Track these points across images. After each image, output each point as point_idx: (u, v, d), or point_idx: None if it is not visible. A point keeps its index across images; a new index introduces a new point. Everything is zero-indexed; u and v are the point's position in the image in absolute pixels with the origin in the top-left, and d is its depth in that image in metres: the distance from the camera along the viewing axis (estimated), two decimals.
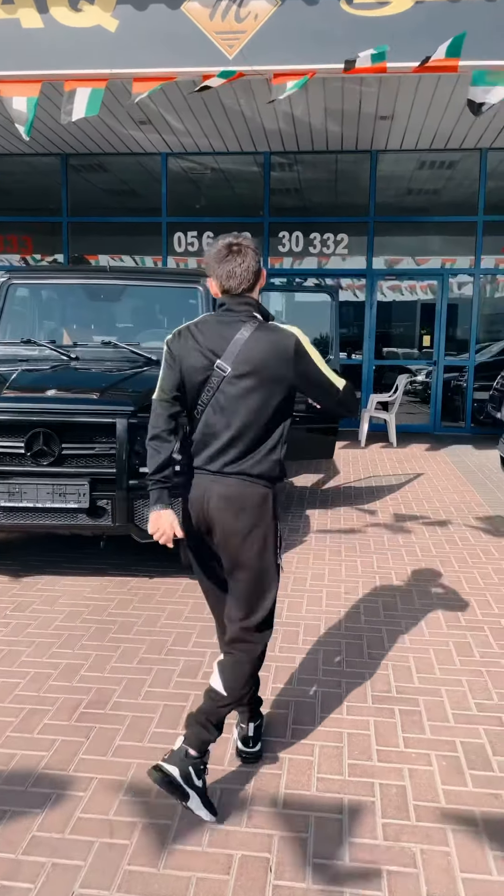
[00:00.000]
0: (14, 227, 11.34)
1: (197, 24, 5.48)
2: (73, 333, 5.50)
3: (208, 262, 2.40)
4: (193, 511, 2.38)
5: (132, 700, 3.00)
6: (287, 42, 5.47)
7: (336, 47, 5.46)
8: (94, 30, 5.57)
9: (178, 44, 5.52)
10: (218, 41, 5.50)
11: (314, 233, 10.68)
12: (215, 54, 5.53)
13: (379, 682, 3.18)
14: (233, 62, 5.52)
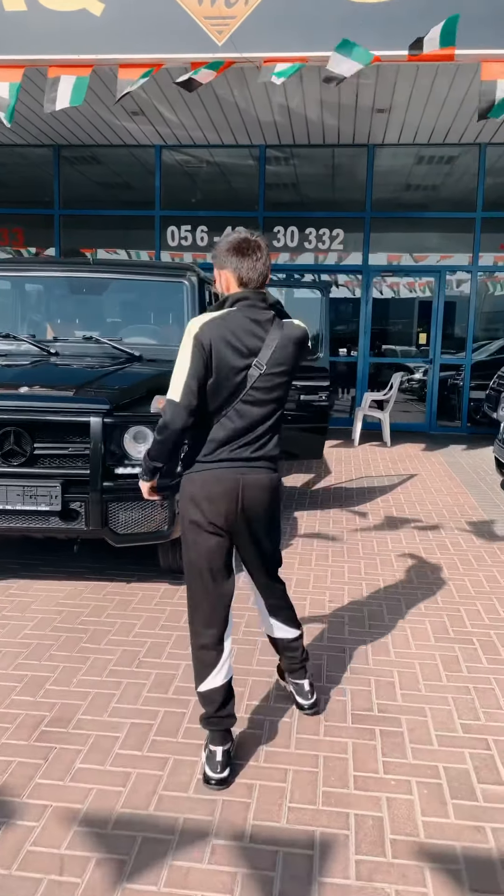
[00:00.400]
0: (5, 220, 11.15)
1: (185, 8, 5.29)
2: (56, 328, 5.33)
3: (224, 256, 2.43)
4: (224, 503, 2.44)
5: (97, 717, 2.83)
6: (278, 28, 5.28)
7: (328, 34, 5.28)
8: (79, 13, 5.38)
9: (166, 29, 5.33)
10: (207, 27, 5.31)
11: (310, 228, 10.50)
12: (204, 40, 5.34)
13: (360, 699, 3.01)
14: (222, 49, 5.33)
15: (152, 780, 2.45)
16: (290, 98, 8.44)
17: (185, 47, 5.37)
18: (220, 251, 2.44)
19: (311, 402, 5.48)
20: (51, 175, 10.69)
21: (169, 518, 3.78)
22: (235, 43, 5.28)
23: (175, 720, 2.81)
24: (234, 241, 2.42)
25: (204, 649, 2.56)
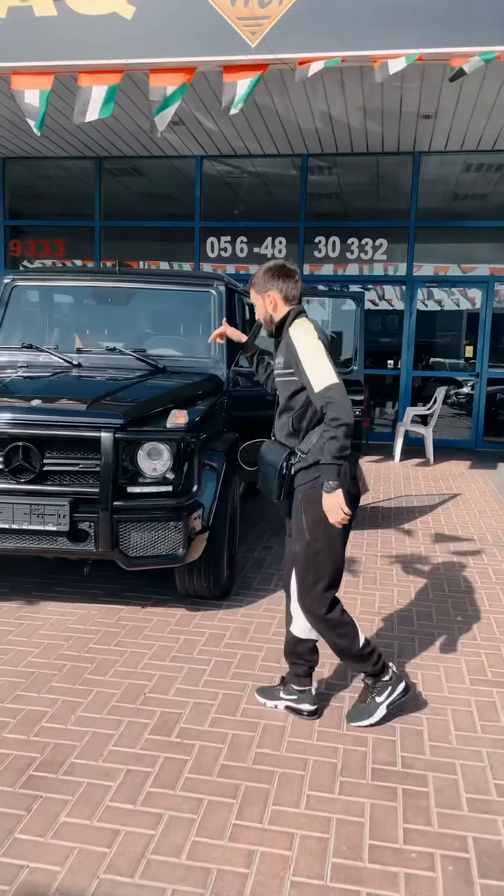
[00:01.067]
0: (48, 232, 11.17)
1: (218, 9, 5.11)
2: (84, 339, 5.16)
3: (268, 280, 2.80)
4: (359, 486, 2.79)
5: (91, 762, 2.59)
6: (313, 28, 5.06)
7: (366, 32, 5.04)
8: (109, 17, 5.25)
9: (198, 31, 5.16)
10: (240, 28, 5.12)
11: (352, 238, 10.22)
12: (237, 42, 5.15)
13: (382, 751, 2.71)
14: (255, 51, 5.13)
15: (142, 841, 2.20)
16: (332, 105, 8.20)
17: (218, 49, 5.19)
18: (263, 278, 2.81)
19: None
20: (92, 187, 10.66)
21: (184, 540, 3.54)
22: (269, 44, 5.07)
23: (175, 769, 2.56)
24: (275, 266, 2.83)
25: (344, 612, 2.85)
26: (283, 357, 2.72)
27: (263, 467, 2.78)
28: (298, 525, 2.74)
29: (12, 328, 4.98)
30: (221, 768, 2.57)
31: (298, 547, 2.76)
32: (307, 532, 2.71)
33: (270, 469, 2.72)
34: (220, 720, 2.88)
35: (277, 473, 2.67)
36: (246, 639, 3.64)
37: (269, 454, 2.79)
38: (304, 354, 2.61)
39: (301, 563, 2.75)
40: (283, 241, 10.35)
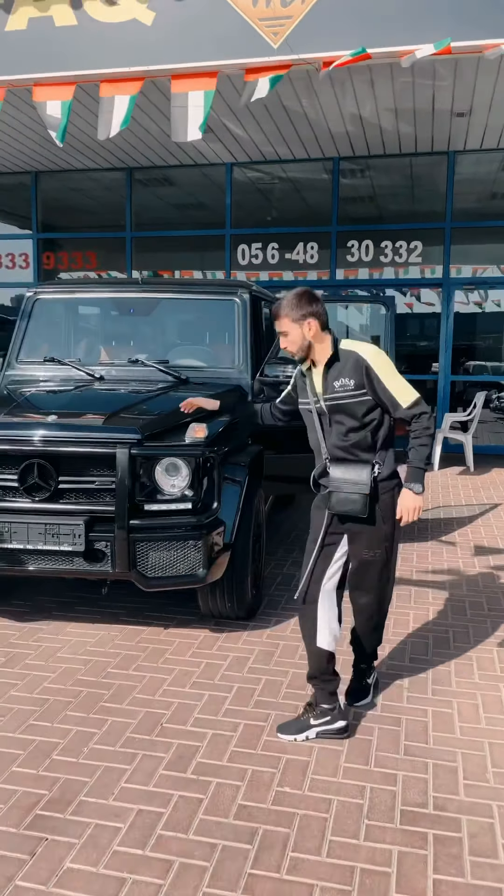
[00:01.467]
0: (80, 244, 11.19)
1: (239, 11, 5.00)
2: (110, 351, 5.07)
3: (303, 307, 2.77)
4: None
5: (101, 800, 2.45)
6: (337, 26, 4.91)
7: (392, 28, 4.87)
8: (129, 24, 5.18)
9: (219, 34, 5.06)
10: (262, 29, 4.99)
11: (386, 241, 10.00)
12: (259, 44, 5.03)
13: (413, 790, 2.51)
14: (277, 52, 4.99)
15: (150, 892, 2.04)
16: (362, 106, 8.02)
17: (240, 52, 5.08)
18: (298, 305, 2.76)
19: None
20: (123, 198, 10.64)
21: (204, 560, 3.39)
22: (291, 44, 4.93)
23: (189, 809, 2.40)
24: (305, 292, 2.80)
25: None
26: (352, 379, 2.76)
27: (341, 486, 2.76)
28: (379, 533, 2.82)
29: (37, 342, 4.92)
30: (238, 809, 2.41)
31: (377, 555, 2.85)
32: (389, 539, 2.85)
33: (352, 486, 2.75)
34: (239, 754, 2.72)
35: (367, 488, 2.73)
36: (271, 663, 3.47)
37: (346, 473, 2.78)
38: (384, 375, 2.74)
39: (380, 568, 2.88)
40: (315, 246, 10.18)
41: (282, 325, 2.80)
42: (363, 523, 2.79)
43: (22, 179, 10.85)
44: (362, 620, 2.99)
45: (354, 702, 3.07)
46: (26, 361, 4.76)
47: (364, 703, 3.08)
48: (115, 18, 5.17)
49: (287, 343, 2.82)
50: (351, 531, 2.83)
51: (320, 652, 2.83)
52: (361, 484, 2.72)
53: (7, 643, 3.69)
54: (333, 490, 2.77)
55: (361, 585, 2.90)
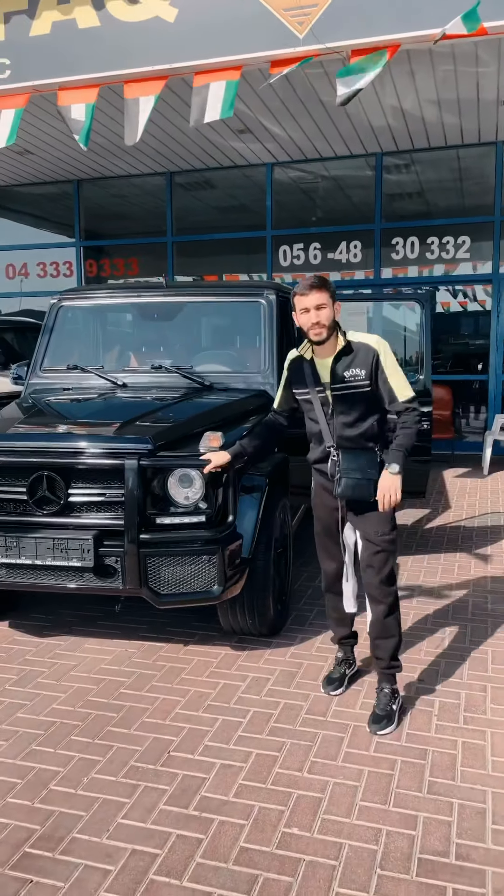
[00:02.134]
0: (122, 250, 11.19)
1: (262, 1, 4.80)
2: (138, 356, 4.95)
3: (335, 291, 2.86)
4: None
5: (94, 838, 2.29)
6: (366, 11, 4.67)
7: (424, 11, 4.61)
8: (152, 22, 5.05)
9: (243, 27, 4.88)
10: (286, 19, 4.80)
11: (432, 237, 9.66)
12: (284, 35, 4.83)
13: (434, 836, 2.28)
14: (303, 42, 4.79)
15: None
16: (403, 99, 7.74)
17: (264, 45, 4.89)
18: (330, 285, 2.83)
19: None
20: (164, 202, 10.59)
21: (219, 575, 3.21)
22: (317, 34, 4.72)
23: (186, 851, 2.22)
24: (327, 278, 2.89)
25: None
26: (363, 369, 2.83)
27: (349, 473, 2.85)
28: (384, 516, 2.89)
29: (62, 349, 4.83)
30: (240, 852, 2.21)
31: (381, 536, 2.90)
32: (391, 521, 2.93)
33: (360, 473, 2.84)
34: (246, 789, 2.53)
35: (376, 474, 2.83)
36: (292, 685, 3.27)
37: (355, 461, 2.86)
38: (389, 369, 2.82)
39: (388, 551, 2.92)
40: (359, 244, 9.91)
41: (320, 298, 2.78)
42: (369, 508, 2.88)
43: (64, 188, 10.91)
44: (373, 606, 2.98)
45: (379, 730, 2.87)
46: (50, 369, 4.67)
47: (389, 731, 2.87)
48: (137, 17, 5.06)
49: (321, 317, 2.78)
50: (357, 516, 2.93)
51: (349, 616, 3.19)
52: (370, 470, 2.83)
53: (22, 659, 3.59)
54: (341, 476, 2.85)
55: (371, 569, 2.94)
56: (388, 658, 2.99)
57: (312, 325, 2.79)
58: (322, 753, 2.72)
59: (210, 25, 4.95)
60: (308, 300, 2.78)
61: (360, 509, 2.91)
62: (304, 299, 2.79)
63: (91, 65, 5.23)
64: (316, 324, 2.78)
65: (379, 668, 3.02)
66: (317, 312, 2.77)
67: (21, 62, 5.36)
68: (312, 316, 2.78)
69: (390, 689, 2.97)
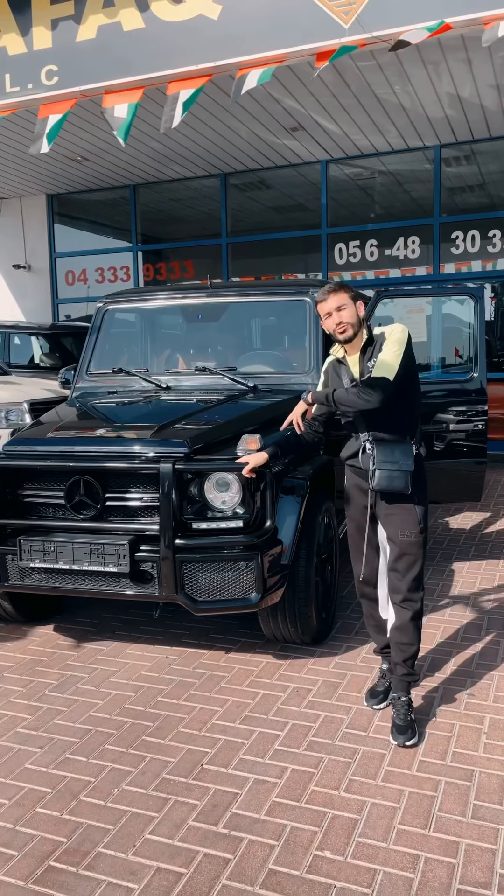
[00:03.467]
0: (177, 253, 11.23)
1: None
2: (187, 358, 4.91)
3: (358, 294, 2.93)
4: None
5: (119, 853, 2.23)
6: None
7: None
8: (196, 20, 5.02)
9: (287, 21, 4.80)
10: (332, 10, 4.68)
11: (494, 230, 9.33)
12: (329, 26, 4.73)
13: (476, 864, 2.13)
14: (349, 32, 4.66)
15: None
16: (460, 87, 7.48)
17: (310, 37, 4.80)
18: (348, 287, 2.85)
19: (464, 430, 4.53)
20: (218, 204, 10.57)
21: (258, 583, 3.12)
22: (363, 23, 4.58)
23: (212, 871, 2.13)
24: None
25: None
26: (376, 358, 2.82)
27: (384, 465, 2.80)
28: (415, 514, 2.84)
29: (109, 352, 4.83)
30: (267, 875, 2.11)
31: (406, 538, 2.84)
32: (424, 519, 2.86)
33: (394, 465, 2.79)
34: (279, 807, 2.42)
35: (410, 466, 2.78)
36: (334, 697, 3.15)
37: (390, 453, 2.81)
38: (387, 344, 2.77)
39: (415, 554, 2.85)
40: (417, 240, 9.66)
41: (340, 299, 2.80)
42: (403, 503, 2.83)
43: (121, 193, 11.03)
44: (398, 609, 2.89)
45: (404, 741, 2.77)
46: (96, 373, 4.67)
47: (414, 741, 2.77)
48: (181, 17, 5.03)
49: (344, 316, 2.80)
50: (389, 512, 2.86)
51: (386, 624, 3.00)
52: (404, 462, 2.78)
53: (64, 664, 3.57)
54: (376, 469, 2.80)
55: (398, 570, 2.87)
56: (406, 665, 2.88)
57: (337, 326, 2.81)
58: (361, 771, 2.60)
59: (254, 21, 4.89)
60: (328, 304, 2.82)
61: (389, 509, 2.85)
62: (324, 305, 2.83)
63: (137, 67, 5.23)
64: (339, 324, 2.81)
65: (396, 674, 2.91)
66: (338, 313, 2.80)
67: (69, 67, 5.40)
68: (335, 318, 2.81)
69: (407, 699, 2.87)
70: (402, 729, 2.78)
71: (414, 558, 2.84)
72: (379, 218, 10.11)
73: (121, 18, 5.16)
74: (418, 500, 2.85)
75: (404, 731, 2.78)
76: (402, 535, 2.83)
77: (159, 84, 5.21)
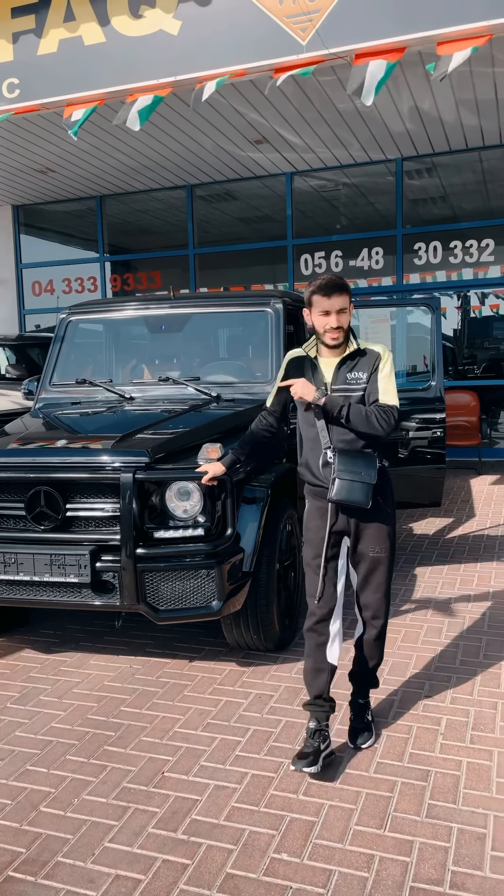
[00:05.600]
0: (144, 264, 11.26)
1: (265, 10, 4.79)
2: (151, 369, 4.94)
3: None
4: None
5: (78, 862, 2.24)
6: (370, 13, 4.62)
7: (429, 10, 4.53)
8: (156, 36, 5.07)
9: (246, 37, 4.88)
10: (289, 26, 4.77)
11: (454, 241, 9.51)
12: (287, 42, 4.81)
13: (429, 862, 2.17)
14: (307, 48, 4.75)
15: None
16: (420, 101, 7.64)
17: (269, 53, 4.88)
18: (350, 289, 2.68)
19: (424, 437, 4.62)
20: (186, 215, 10.63)
21: (219, 590, 3.15)
22: (323, 39, 4.68)
23: (170, 877, 2.15)
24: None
25: None
26: (365, 373, 2.71)
27: (344, 475, 2.62)
28: (383, 529, 2.73)
29: (72, 363, 4.84)
30: (225, 879, 2.14)
31: (383, 550, 2.73)
32: (390, 537, 2.76)
33: (355, 475, 2.62)
34: (238, 811, 2.45)
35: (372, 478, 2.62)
36: (295, 702, 3.18)
37: (352, 463, 2.64)
38: (385, 372, 2.70)
39: (386, 568, 2.75)
40: (381, 251, 9.81)
41: (343, 301, 2.61)
42: (368, 519, 2.69)
43: (88, 204, 11.03)
44: (369, 624, 2.80)
45: (360, 742, 2.80)
46: (59, 384, 4.68)
47: (370, 743, 2.81)
48: (141, 32, 5.08)
49: (343, 321, 2.64)
50: (357, 528, 2.71)
51: (330, 668, 2.76)
52: (367, 474, 2.62)
53: (27, 676, 3.56)
54: (336, 477, 2.61)
55: (369, 585, 2.76)
56: (369, 677, 2.90)
57: (332, 329, 2.62)
58: (320, 774, 2.63)
59: (213, 37, 4.95)
60: (331, 303, 2.59)
61: (359, 524, 2.70)
62: (325, 301, 2.60)
63: (98, 80, 5.27)
64: (336, 328, 2.62)
65: (356, 682, 2.89)
66: (338, 317, 2.60)
67: (30, 80, 5.42)
68: (333, 320, 2.61)
69: (365, 701, 2.89)
70: (359, 731, 2.82)
71: (385, 574, 2.74)
72: (344, 229, 10.26)
73: (82, 32, 5.20)
74: (389, 514, 2.75)
75: (361, 732, 2.81)
76: (372, 551, 2.71)
77: (121, 97, 5.26)
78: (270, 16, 4.78)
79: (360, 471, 2.61)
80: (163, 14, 5.01)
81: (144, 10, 5.04)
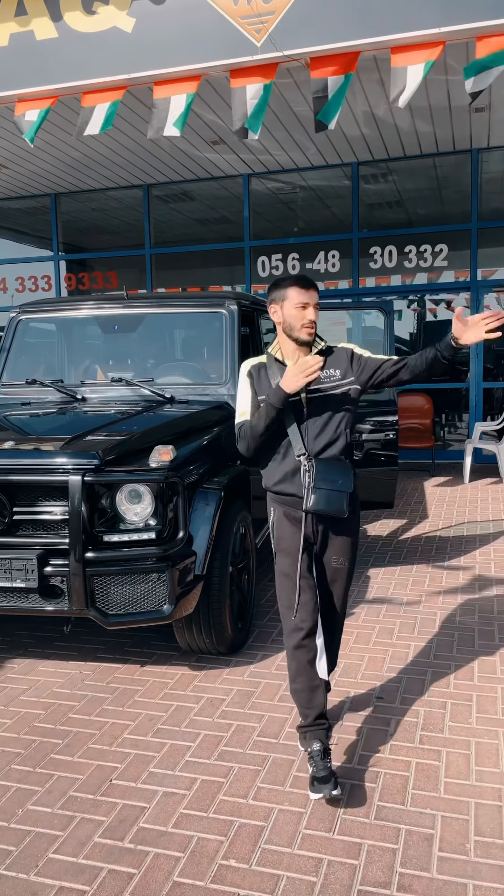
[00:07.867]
0: (100, 263, 11.14)
1: (219, 10, 4.77)
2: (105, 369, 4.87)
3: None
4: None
5: (21, 875, 2.18)
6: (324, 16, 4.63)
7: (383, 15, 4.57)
8: (109, 33, 5.01)
9: (200, 37, 4.85)
10: (244, 27, 4.76)
11: (409, 246, 9.62)
12: (242, 43, 4.79)
13: (376, 865, 2.17)
14: (261, 50, 4.75)
15: None
16: (375, 107, 7.70)
17: (223, 53, 4.85)
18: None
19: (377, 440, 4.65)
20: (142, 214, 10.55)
21: (170, 594, 3.11)
22: (276, 41, 4.68)
23: (116, 888, 2.11)
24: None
25: None
26: (338, 369, 2.65)
27: (322, 484, 2.55)
28: (349, 540, 2.71)
29: (23, 363, 4.75)
30: (172, 887, 2.11)
31: (346, 561, 2.72)
32: (353, 548, 2.74)
33: (333, 483, 2.56)
34: (187, 818, 2.42)
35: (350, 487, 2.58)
36: (247, 706, 3.17)
37: (329, 471, 2.58)
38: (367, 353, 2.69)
39: (347, 577, 2.75)
40: (337, 254, 9.87)
41: (316, 297, 2.62)
42: (336, 529, 2.65)
43: (42, 202, 10.86)
44: (331, 631, 2.76)
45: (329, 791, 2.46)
46: (8, 384, 4.59)
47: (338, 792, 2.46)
48: (95, 28, 5.02)
49: (317, 316, 2.61)
50: (324, 537, 2.66)
51: (325, 684, 2.65)
52: (343, 482, 2.57)
53: None
54: (313, 486, 2.54)
55: (332, 595, 2.73)
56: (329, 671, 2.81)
57: (309, 324, 2.57)
58: (270, 778, 2.62)
59: (167, 35, 4.91)
60: (309, 295, 2.57)
61: (328, 533, 2.64)
62: (304, 294, 2.56)
63: (50, 76, 5.18)
64: (312, 322, 2.58)
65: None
66: (314, 310, 2.59)
67: None
68: (310, 313, 2.57)
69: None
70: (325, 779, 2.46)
71: (347, 581, 2.72)
72: (301, 232, 10.30)
73: (33, 27, 5.11)
74: (356, 525, 2.73)
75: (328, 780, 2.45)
76: (336, 562, 2.67)
77: (74, 94, 5.19)
78: (225, 16, 4.76)
79: (338, 479, 2.56)
80: (116, 10, 4.95)
81: (98, 7, 4.97)
